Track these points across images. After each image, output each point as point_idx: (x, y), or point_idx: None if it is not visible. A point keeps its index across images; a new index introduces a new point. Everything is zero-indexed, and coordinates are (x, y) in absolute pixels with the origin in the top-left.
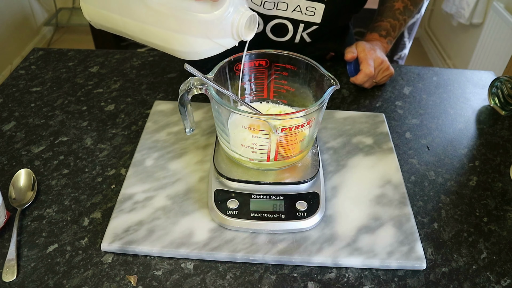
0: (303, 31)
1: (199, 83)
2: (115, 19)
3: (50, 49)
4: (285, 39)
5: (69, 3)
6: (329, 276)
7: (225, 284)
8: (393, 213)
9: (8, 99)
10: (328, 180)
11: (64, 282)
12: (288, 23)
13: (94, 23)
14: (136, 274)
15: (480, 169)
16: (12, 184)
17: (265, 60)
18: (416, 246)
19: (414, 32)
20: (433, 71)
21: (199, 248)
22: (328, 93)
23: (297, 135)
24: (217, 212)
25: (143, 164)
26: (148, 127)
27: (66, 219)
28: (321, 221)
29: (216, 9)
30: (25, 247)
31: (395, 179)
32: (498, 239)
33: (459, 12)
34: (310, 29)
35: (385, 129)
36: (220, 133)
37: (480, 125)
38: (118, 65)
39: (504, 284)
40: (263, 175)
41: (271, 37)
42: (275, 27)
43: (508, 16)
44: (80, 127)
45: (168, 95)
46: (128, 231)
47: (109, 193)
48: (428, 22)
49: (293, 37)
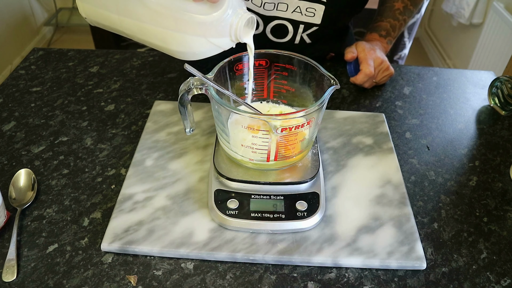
0: (303, 32)
1: (199, 83)
2: (112, 18)
3: (50, 49)
4: (285, 40)
5: (69, 3)
6: (329, 276)
7: (225, 284)
8: (393, 213)
9: (8, 99)
10: (328, 180)
11: (64, 282)
12: (288, 24)
13: (90, 21)
14: (136, 274)
15: (480, 169)
16: (12, 184)
17: (265, 60)
18: (416, 246)
19: (414, 32)
20: (433, 71)
21: (199, 248)
22: (328, 93)
23: (297, 135)
24: (217, 212)
25: (143, 164)
26: (148, 127)
27: (66, 219)
28: (321, 221)
29: (215, 10)
30: (25, 247)
31: (395, 179)
32: (498, 239)
33: (459, 12)
34: (310, 30)
35: (385, 129)
36: (220, 133)
37: (480, 125)
38: (118, 65)
39: (504, 284)
40: (263, 175)
41: (271, 38)
42: (275, 28)
43: (508, 16)
44: (80, 127)
45: (168, 95)
46: (128, 231)
47: (109, 193)
48: (428, 22)
49: (293, 38)
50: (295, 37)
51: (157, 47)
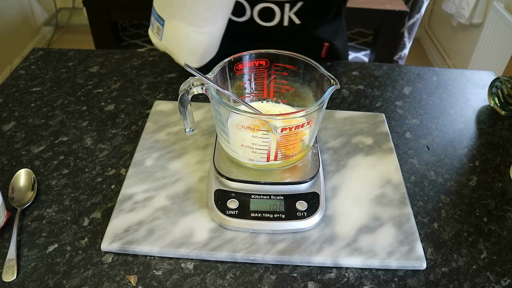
0: (290, 11)
1: (199, 83)
2: None
3: (50, 49)
4: (273, 23)
5: (69, 3)
6: (329, 276)
7: (225, 284)
8: (393, 213)
9: (8, 99)
10: (328, 180)
11: (64, 282)
12: (273, 6)
13: None
14: (136, 274)
15: (480, 169)
16: (12, 184)
17: (265, 60)
18: (416, 246)
19: (414, 32)
20: (433, 71)
21: (199, 248)
22: (328, 93)
23: (297, 135)
24: (217, 212)
25: (143, 164)
26: (148, 127)
27: (66, 219)
28: (321, 221)
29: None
30: (25, 247)
31: (395, 179)
32: (498, 239)
33: (459, 12)
34: (296, 7)
35: (385, 129)
36: (220, 133)
37: (480, 125)
38: (118, 65)
39: (504, 284)
40: (263, 175)
41: (259, 22)
42: (262, 12)
43: (508, 16)
44: (80, 127)
45: (168, 95)
46: (128, 231)
47: (109, 193)
48: (428, 22)
49: (282, 19)
50: (283, 18)
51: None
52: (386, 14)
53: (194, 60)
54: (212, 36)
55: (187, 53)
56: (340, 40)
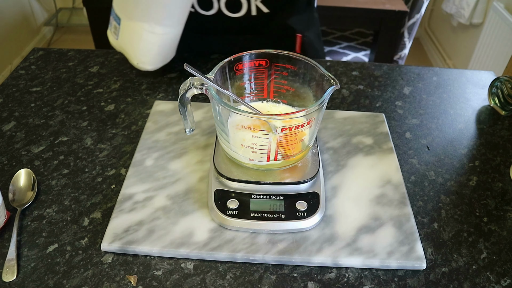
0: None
1: (199, 83)
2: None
3: (50, 49)
4: (241, 13)
5: (69, 3)
6: (329, 276)
7: (225, 284)
8: (393, 213)
9: (8, 99)
10: (328, 180)
11: (64, 282)
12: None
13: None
14: (136, 274)
15: (480, 169)
16: (12, 184)
17: (265, 60)
18: (416, 246)
19: (414, 32)
20: (433, 71)
21: (199, 248)
22: (328, 93)
23: (297, 135)
24: (217, 212)
25: (143, 164)
26: (148, 127)
27: (66, 219)
28: (321, 221)
29: None
30: (25, 247)
31: (395, 179)
32: (498, 239)
33: (459, 12)
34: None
35: (385, 129)
36: (220, 133)
37: (480, 125)
38: (118, 65)
39: (504, 284)
40: (263, 175)
41: (227, 13)
42: (229, 3)
43: (508, 16)
44: (80, 127)
45: (168, 95)
46: (128, 231)
47: (109, 193)
48: (428, 22)
49: (249, 9)
50: (250, 8)
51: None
52: (386, 14)
53: (147, 61)
54: (165, 38)
55: (140, 54)
56: (312, 32)
